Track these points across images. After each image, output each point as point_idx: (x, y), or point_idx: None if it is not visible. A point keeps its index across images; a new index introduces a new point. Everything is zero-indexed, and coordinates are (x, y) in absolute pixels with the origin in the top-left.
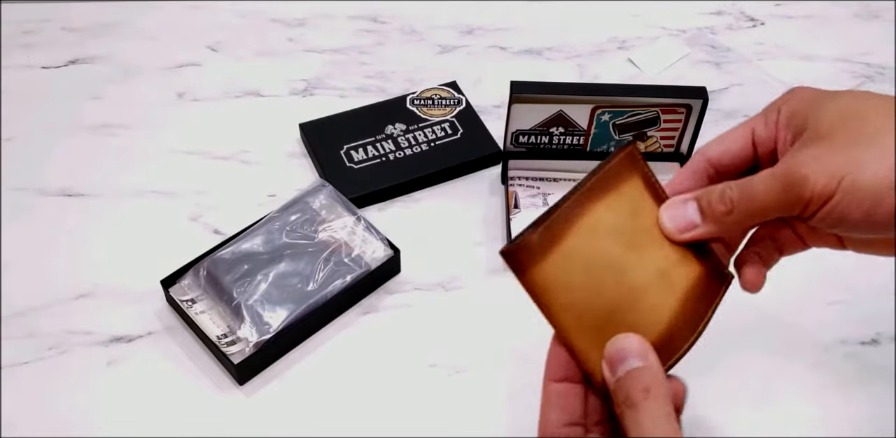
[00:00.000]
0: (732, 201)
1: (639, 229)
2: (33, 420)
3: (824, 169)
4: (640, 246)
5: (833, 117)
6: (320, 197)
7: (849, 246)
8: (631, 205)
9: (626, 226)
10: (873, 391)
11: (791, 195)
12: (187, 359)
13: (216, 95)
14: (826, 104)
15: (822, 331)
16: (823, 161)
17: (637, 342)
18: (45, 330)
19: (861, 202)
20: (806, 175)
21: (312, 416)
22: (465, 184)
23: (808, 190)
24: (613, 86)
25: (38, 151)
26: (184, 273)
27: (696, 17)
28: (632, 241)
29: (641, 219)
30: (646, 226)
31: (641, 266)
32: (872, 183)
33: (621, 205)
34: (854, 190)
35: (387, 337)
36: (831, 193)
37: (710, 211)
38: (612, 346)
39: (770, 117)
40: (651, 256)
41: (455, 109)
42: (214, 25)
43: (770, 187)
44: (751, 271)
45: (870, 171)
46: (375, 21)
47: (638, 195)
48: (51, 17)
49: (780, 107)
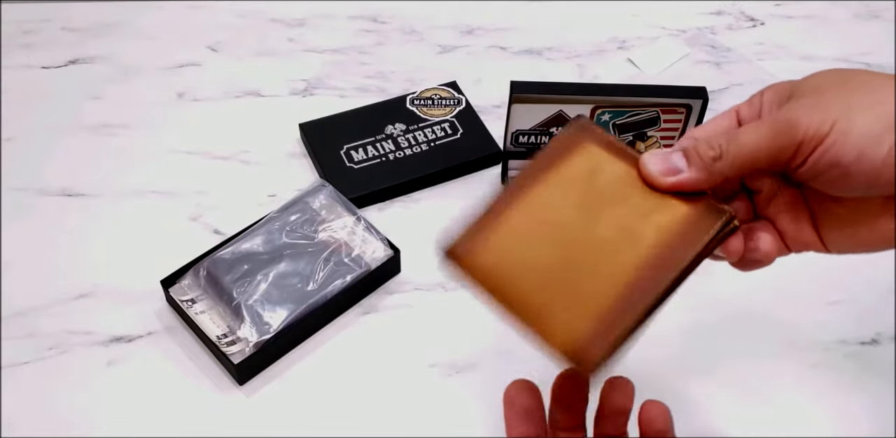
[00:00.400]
0: (721, 146)
1: (597, 191)
2: (33, 420)
3: (816, 113)
4: (597, 208)
5: (819, 80)
6: (320, 197)
7: (831, 247)
8: (587, 168)
9: (580, 192)
10: (873, 391)
11: (783, 138)
12: (187, 359)
13: (216, 95)
14: (809, 78)
15: (822, 331)
16: (815, 107)
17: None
18: (45, 330)
19: (855, 143)
20: (798, 118)
21: (312, 416)
22: (465, 184)
23: (801, 132)
24: (613, 86)
25: (38, 151)
26: (184, 273)
27: (696, 17)
28: (587, 205)
29: (601, 179)
30: (607, 186)
31: (600, 227)
32: (867, 124)
33: (574, 172)
34: (848, 130)
35: (387, 337)
36: (824, 134)
37: (696, 156)
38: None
39: (754, 100)
40: (612, 214)
41: (455, 109)
42: (214, 25)
43: (761, 133)
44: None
45: (863, 114)
46: (375, 21)
47: (595, 159)
48: (51, 17)
49: (764, 92)
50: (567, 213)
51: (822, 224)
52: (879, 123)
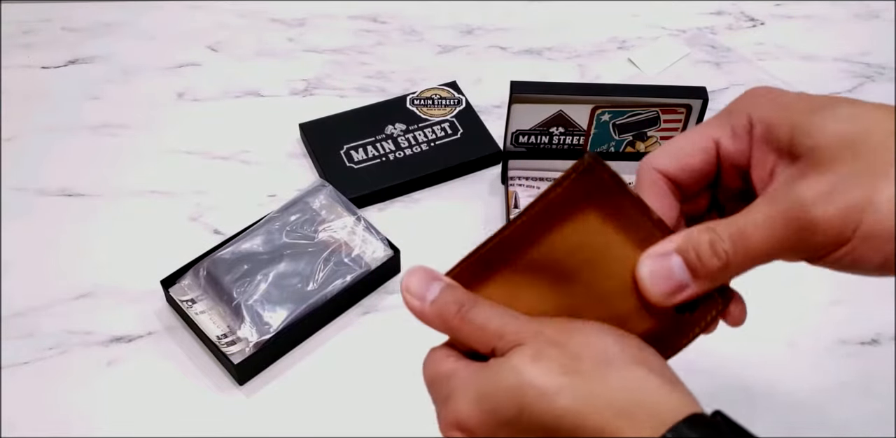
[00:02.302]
0: (727, 254)
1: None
2: (33, 420)
3: (835, 210)
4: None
5: (832, 140)
6: (320, 197)
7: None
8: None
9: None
10: (873, 391)
11: (798, 243)
12: (187, 359)
13: (216, 95)
14: (817, 121)
15: (822, 331)
16: (833, 199)
17: (422, 269)
18: (45, 330)
19: (881, 247)
20: (814, 218)
21: (312, 416)
22: (465, 184)
23: (820, 236)
24: (613, 86)
25: (38, 151)
26: (184, 273)
27: (696, 17)
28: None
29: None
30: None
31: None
32: (891, 226)
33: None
34: (873, 235)
35: (387, 337)
36: (846, 239)
37: (702, 268)
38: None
39: (738, 128)
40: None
41: (455, 109)
42: (214, 25)
43: (772, 234)
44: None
45: (886, 213)
46: (375, 21)
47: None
48: (51, 17)
49: (751, 115)
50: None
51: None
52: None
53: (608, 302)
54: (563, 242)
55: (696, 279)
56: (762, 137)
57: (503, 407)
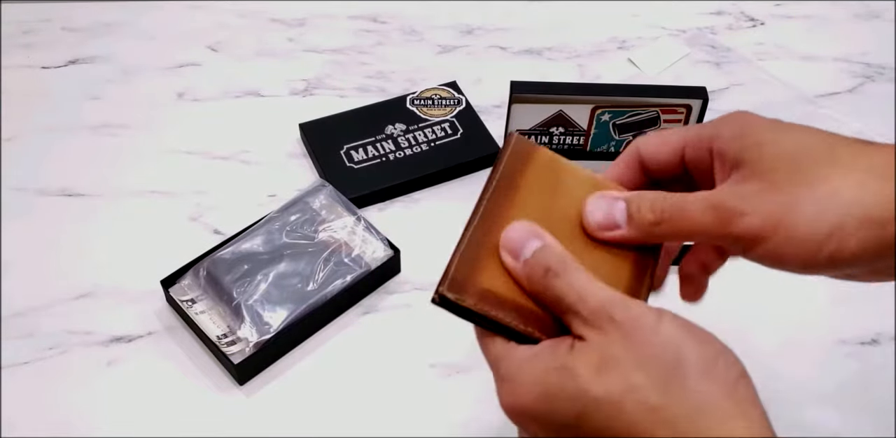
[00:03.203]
0: (663, 213)
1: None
2: (33, 420)
3: (761, 209)
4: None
5: (775, 154)
6: (320, 197)
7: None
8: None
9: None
10: (873, 391)
11: (723, 229)
12: (187, 359)
13: (216, 95)
14: (768, 139)
15: (822, 331)
16: (761, 200)
17: (523, 224)
18: (45, 330)
19: (797, 248)
20: (741, 213)
21: (312, 416)
22: (465, 184)
23: (742, 229)
24: (613, 86)
25: (38, 151)
26: (184, 273)
27: (696, 17)
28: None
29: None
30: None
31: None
32: (808, 230)
33: (538, 183)
34: (789, 236)
35: (387, 337)
36: (767, 237)
37: (637, 216)
38: (504, 237)
39: (703, 141)
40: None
41: (455, 109)
42: (214, 25)
43: (703, 215)
44: (687, 288)
45: (806, 218)
46: (375, 21)
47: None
48: (51, 17)
49: (719, 131)
50: (549, 220)
51: None
52: (823, 227)
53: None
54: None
55: (628, 224)
56: (719, 152)
57: (561, 412)
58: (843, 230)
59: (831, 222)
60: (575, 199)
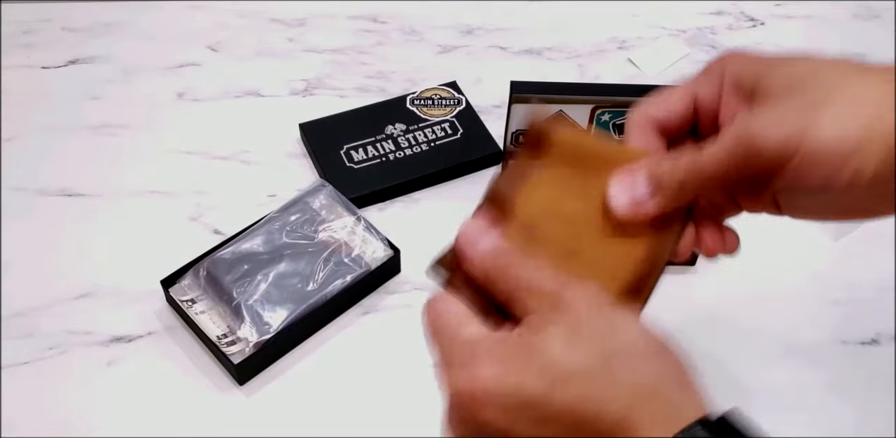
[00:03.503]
0: (684, 172)
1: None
2: (33, 420)
3: (781, 132)
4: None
5: (784, 80)
6: (320, 197)
7: (786, 213)
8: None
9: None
10: (873, 391)
11: (747, 162)
12: (187, 359)
13: (216, 95)
14: (776, 68)
15: (822, 331)
16: (779, 124)
17: (467, 227)
18: (45, 330)
19: (821, 165)
20: (762, 140)
21: (312, 416)
22: (465, 184)
23: (765, 154)
24: (613, 86)
25: (38, 151)
26: (184, 273)
27: (696, 17)
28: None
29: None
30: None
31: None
32: (832, 145)
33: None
34: (813, 153)
35: (387, 337)
36: (789, 157)
37: (660, 185)
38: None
39: (713, 80)
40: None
41: (455, 109)
42: (214, 25)
43: (724, 156)
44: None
45: (828, 132)
46: (375, 21)
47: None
48: (51, 17)
49: (724, 70)
50: (566, 200)
51: (783, 201)
52: (847, 138)
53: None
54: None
55: (655, 194)
56: (730, 86)
57: (531, 383)
58: (866, 140)
59: (854, 132)
60: (594, 179)
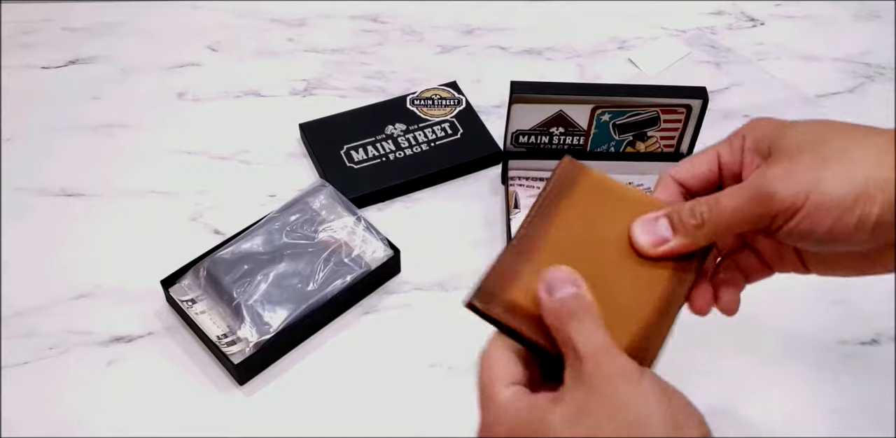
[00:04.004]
0: (703, 215)
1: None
2: (33, 420)
3: (791, 185)
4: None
5: (797, 140)
6: (320, 197)
7: (812, 270)
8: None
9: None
10: (873, 391)
11: (760, 209)
12: (187, 359)
13: (216, 95)
14: (789, 130)
15: (822, 331)
16: (790, 178)
17: (569, 270)
18: (45, 330)
19: (827, 215)
20: (774, 190)
21: (312, 416)
22: (465, 184)
23: (776, 204)
24: (613, 86)
25: (38, 151)
26: (184, 273)
27: (696, 17)
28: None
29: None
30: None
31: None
32: (837, 197)
33: (583, 204)
34: (820, 204)
35: (387, 337)
36: (798, 207)
37: (680, 225)
38: (548, 274)
39: (735, 143)
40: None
41: (455, 109)
42: (214, 25)
43: (739, 202)
44: (727, 293)
45: (833, 185)
46: (375, 21)
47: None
48: (51, 17)
49: (745, 135)
50: (589, 240)
51: (806, 257)
52: (851, 191)
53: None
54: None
55: (675, 234)
56: (752, 148)
57: None
58: (868, 192)
59: (857, 186)
60: (619, 221)
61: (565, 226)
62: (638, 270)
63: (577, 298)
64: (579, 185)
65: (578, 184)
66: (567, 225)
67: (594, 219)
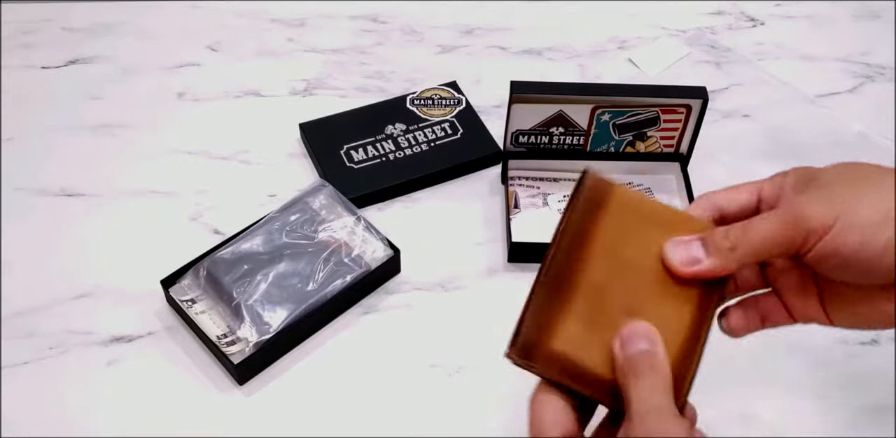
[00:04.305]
0: (736, 238)
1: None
2: (33, 420)
3: (823, 208)
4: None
5: (832, 174)
6: (320, 197)
7: (834, 317)
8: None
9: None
10: (873, 391)
11: (793, 231)
12: (187, 359)
13: (216, 95)
14: (828, 169)
15: (822, 331)
16: (822, 202)
17: (647, 326)
18: (45, 330)
19: (857, 232)
20: (807, 213)
21: (312, 416)
22: (465, 184)
23: (809, 224)
24: (613, 86)
25: (38, 151)
26: (184, 273)
27: (696, 17)
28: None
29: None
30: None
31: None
32: (867, 218)
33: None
34: (850, 223)
35: (387, 337)
36: (829, 226)
37: (714, 247)
38: (626, 329)
39: (776, 179)
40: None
41: (455, 109)
42: (214, 25)
43: (772, 225)
44: (735, 315)
45: (865, 209)
46: (375, 21)
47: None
48: (51, 17)
49: (788, 173)
50: (623, 270)
51: (828, 301)
52: (879, 215)
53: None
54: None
55: (708, 255)
56: (791, 183)
57: None
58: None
59: (884, 214)
60: (652, 244)
61: (598, 256)
62: (670, 297)
63: (647, 355)
64: (608, 205)
65: (607, 203)
66: (600, 255)
67: (626, 244)
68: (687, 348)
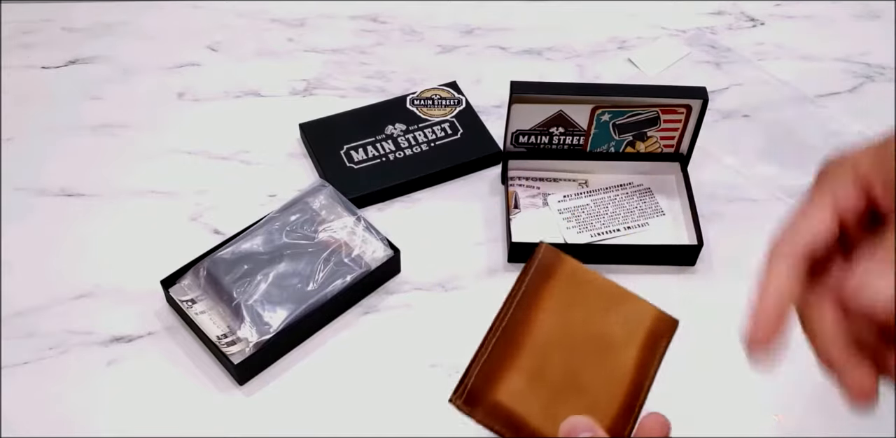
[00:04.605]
0: None
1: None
2: (33, 420)
3: None
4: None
5: None
6: (320, 197)
7: None
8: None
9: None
10: None
11: None
12: (187, 359)
13: (216, 95)
14: None
15: None
16: None
17: (588, 421)
18: (45, 330)
19: None
20: None
21: (312, 416)
22: (465, 184)
23: None
24: (613, 86)
25: (38, 151)
26: (184, 273)
27: (696, 17)
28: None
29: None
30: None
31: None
32: None
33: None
34: None
35: (387, 337)
36: None
37: None
38: (564, 424)
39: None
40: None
41: (455, 109)
42: (214, 25)
43: None
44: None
45: None
46: (375, 21)
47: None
48: (51, 17)
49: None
50: (567, 333)
51: None
52: None
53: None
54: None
55: None
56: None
57: None
58: None
59: None
60: (594, 313)
61: (545, 320)
62: (611, 360)
63: None
64: (557, 275)
65: (556, 273)
66: (546, 318)
67: (571, 310)
68: (627, 400)
